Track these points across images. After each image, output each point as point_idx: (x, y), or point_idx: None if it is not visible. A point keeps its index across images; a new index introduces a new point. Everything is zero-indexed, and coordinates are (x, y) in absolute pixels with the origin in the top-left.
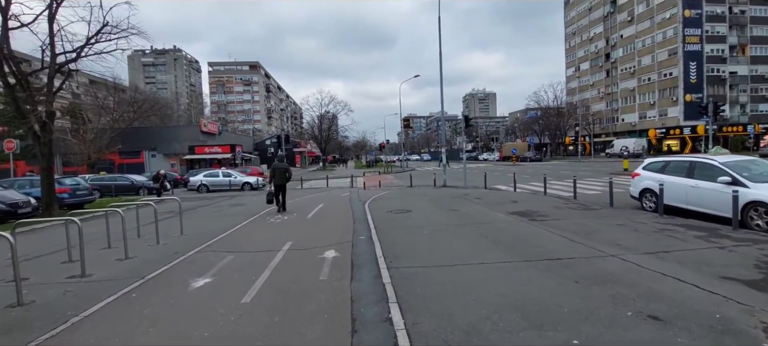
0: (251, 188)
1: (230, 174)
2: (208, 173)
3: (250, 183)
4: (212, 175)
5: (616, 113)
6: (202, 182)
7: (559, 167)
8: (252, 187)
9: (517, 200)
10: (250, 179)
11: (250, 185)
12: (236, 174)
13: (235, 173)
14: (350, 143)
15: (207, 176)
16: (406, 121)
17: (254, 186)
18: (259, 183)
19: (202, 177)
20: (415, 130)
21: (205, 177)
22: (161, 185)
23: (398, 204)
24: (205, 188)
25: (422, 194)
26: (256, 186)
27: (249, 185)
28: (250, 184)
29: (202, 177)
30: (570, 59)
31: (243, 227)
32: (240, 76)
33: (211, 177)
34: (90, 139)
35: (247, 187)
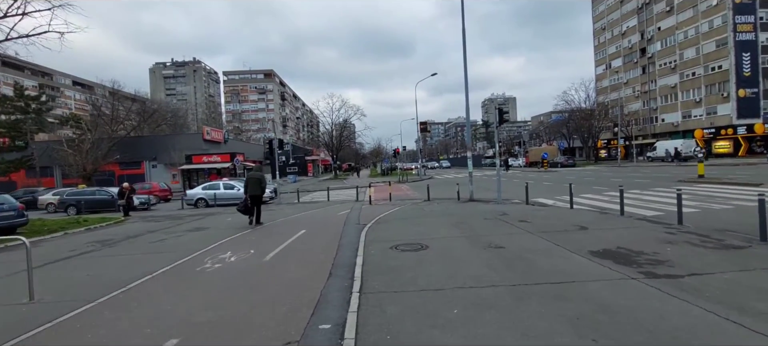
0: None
1: (233, 186)
2: (208, 185)
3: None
4: (212, 187)
5: (655, 113)
6: (200, 196)
7: (600, 173)
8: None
9: (584, 224)
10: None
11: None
12: (239, 186)
13: (238, 184)
14: (367, 151)
15: (206, 188)
16: (424, 125)
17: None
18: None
19: (201, 190)
20: (433, 136)
21: (204, 190)
22: (128, 201)
23: (409, 232)
24: (203, 203)
25: (444, 212)
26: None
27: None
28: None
29: (201, 190)
30: (600, 56)
31: (142, 285)
32: (254, 85)
33: (211, 190)
34: (86, 149)
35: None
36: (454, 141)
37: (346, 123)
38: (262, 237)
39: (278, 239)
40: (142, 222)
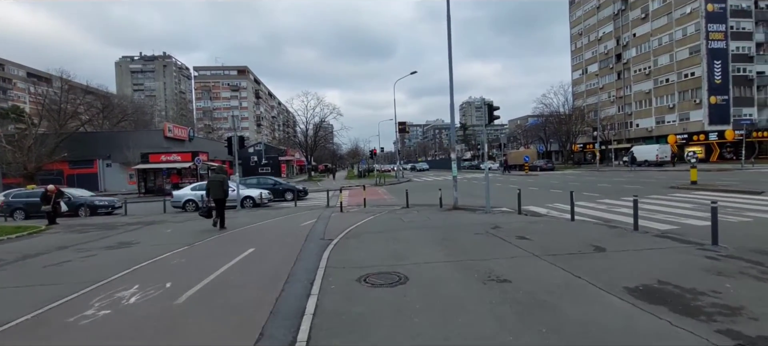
0: (254, 203)
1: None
2: (197, 185)
3: (251, 197)
4: (201, 187)
5: (630, 118)
6: (189, 198)
7: (583, 178)
8: (254, 202)
9: (598, 242)
10: (253, 193)
11: (251, 199)
12: (234, 186)
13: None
14: (344, 152)
15: (195, 189)
16: (402, 125)
17: (258, 202)
18: (265, 198)
19: (189, 191)
20: (411, 139)
21: (193, 191)
22: (54, 207)
23: (384, 253)
24: (193, 205)
25: (426, 223)
26: (259, 201)
27: (251, 199)
28: (253, 199)
29: (189, 191)
30: (576, 61)
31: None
32: (227, 82)
33: (201, 190)
34: (28, 145)
35: (248, 202)
36: (433, 143)
37: (322, 123)
38: (193, 260)
39: (213, 262)
40: (65, 233)
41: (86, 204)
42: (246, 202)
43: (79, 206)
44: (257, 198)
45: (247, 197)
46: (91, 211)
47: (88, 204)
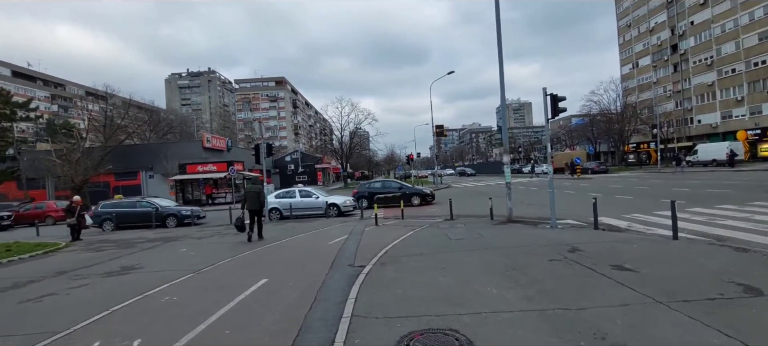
0: (339, 212)
1: (310, 193)
2: (282, 192)
3: (336, 205)
4: (287, 195)
5: (690, 114)
6: (273, 206)
7: (649, 181)
8: (340, 211)
9: (738, 276)
10: (337, 200)
11: (336, 207)
12: (318, 192)
13: (317, 191)
14: (380, 158)
15: (280, 196)
16: (440, 128)
17: (343, 210)
18: (349, 205)
19: (273, 199)
20: (446, 144)
21: (278, 199)
22: (79, 220)
23: (431, 293)
24: (277, 214)
25: (479, 243)
26: (344, 210)
27: (335, 207)
28: (337, 206)
29: (273, 199)
30: (625, 55)
31: None
32: (266, 93)
33: (286, 199)
34: (76, 159)
35: (332, 210)
36: (469, 148)
37: (358, 129)
38: (187, 297)
39: (210, 301)
40: (81, 252)
41: (173, 214)
42: (331, 209)
43: (167, 216)
44: (342, 205)
45: (331, 204)
46: (178, 221)
47: (175, 214)
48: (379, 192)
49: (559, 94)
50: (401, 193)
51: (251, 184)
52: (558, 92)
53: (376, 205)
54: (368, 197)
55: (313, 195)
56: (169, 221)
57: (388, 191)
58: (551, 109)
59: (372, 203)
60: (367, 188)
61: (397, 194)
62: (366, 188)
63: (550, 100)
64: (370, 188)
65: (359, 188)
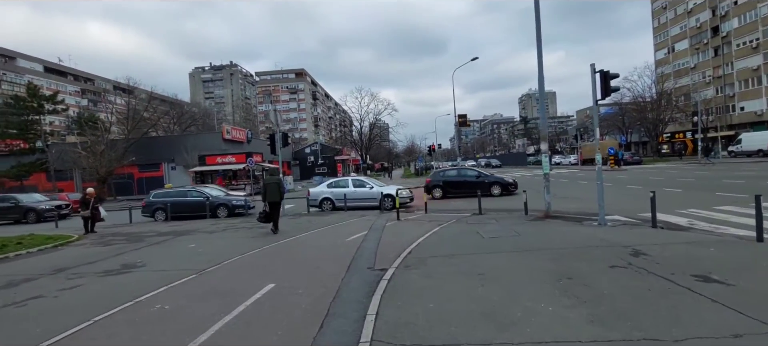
0: (394, 204)
1: (364, 183)
2: (334, 182)
3: (391, 196)
4: (339, 185)
5: (733, 100)
6: (325, 196)
7: (694, 173)
8: (395, 203)
9: None
10: (392, 190)
11: (392, 198)
12: (372, 182)
13: (370, 180)
14: (400, 150)
15: (332, 186)
16: (462, 118)
17: (403, 199)
18: (406, 196)
19: (325, 188)
20: (467, 135)
21: (330, 189)
22: (93, 212)
23: (468, 308)
24: (329, 204)
25: (518, 243)
26: (401, 202)
27: (391, 198)
28: (393, 198)
29: (325, 188)
30: (660, 39)
31: None
32: (286, 85)
33: (339, 188)
34: (100, 151)
35: (387, 202)
36: (491, 139)
37: (377, 120)
38: (182, 306)
39: (205, 312)
40: (90, 246)
41: (224, 204)
42: (386, 200)
43: (218, 206)
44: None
45: (386, 195)
46: (229, 211)
47: (226, 204)
48: (454, 180)
49: (611, 71)
50: (479, 182)
51: (269, 175)
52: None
53: (397, 200)
54: (442, 187)
55: (367, 185)
56: (220, 211)
57: (465, 179)
58: (601, 88)
59: (446, 193)
60: (440, 177)
61: (474, 182)
62: (440, 176)
63: (600, 78)
64: (444, 177)
65: (432, 176)
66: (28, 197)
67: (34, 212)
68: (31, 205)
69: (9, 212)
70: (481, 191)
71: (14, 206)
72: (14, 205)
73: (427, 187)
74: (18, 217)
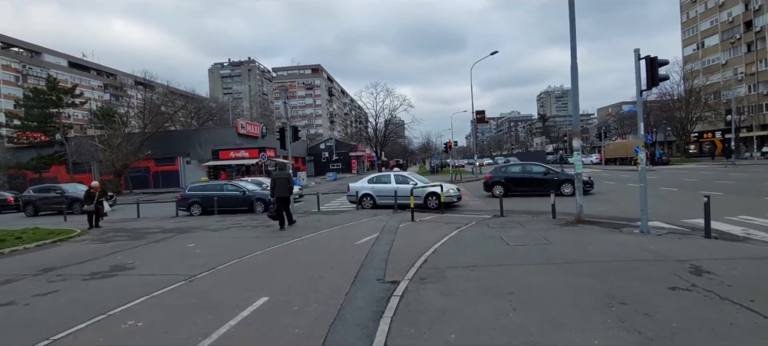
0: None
1: (407, 179)
2: (375, 177)
3: (436, 194)
4: (380, 180)
5: (767, 99)
6: (365, 192)
7: (731, 175)
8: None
9: None
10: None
11: (436, 197)
12: (415, 178)
13: (414, 176)
14: (415, 147)
15: (373, 181)
16: (481, 114)
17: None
18: (452, 195)
19: (366, 184)
20: (483, 133)
21: (371, 184)
22: (97, 207)
23: (501, 341)
24: (370, 201)
25: (550, 252)
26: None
27: (435, 197)
28: (438, 196)
29: (366, 184)
30: (689, 35)
31: None
32: (302, 81)
33: (380, 184)
34: (117, 144)
35: (432, 200)
36: (508, 137)
37: (393, 116)
38: (159, 322)
39: (184, 332)
40: (90, 242)
41: (261, 198)
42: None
43: (255, 200)
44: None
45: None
46: (265, 206)
47: (263, 199)
48: (518, 177)
49: (659, 57)
50: (547, 179)
51: (278, 170)
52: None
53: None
54: (504, 184)
55: (411, 181)
56: (257, 205)
57: (531, 175)
58: (648, 76)
59: (508, 191)
60: (502, 173)
61: (542, 180)
62: (501, 172)
63: (646, 65)
64: (506, 173)
65: (493, 172)
66: (73, 187)
67: (80, 202)
68: (77, 195)
69: (54, 202)
70: (552, 189)
71: (60, 196)
72: (60, 195)
73: (486, 184)
74: (63, 207)
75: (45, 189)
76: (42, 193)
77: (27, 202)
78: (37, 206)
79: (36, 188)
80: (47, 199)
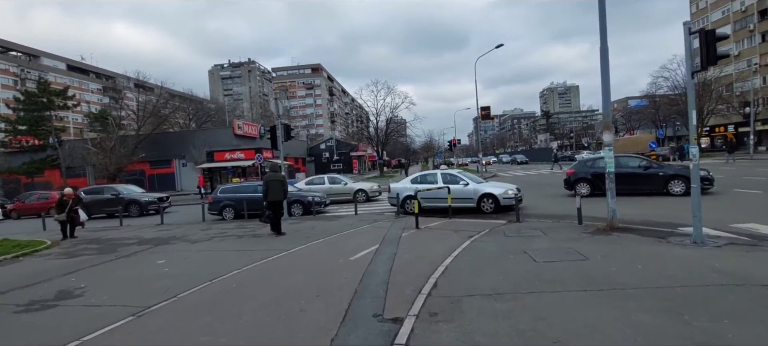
0: (497, 205)
1: (457, 178)
2: (419, 176)
3: (493, 196)
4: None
5: None
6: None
7: (754, 169)
8: (498, 204)
9: None
10: (494, 189)
11: (493, 199)
12: (467, 178)
13: (464, 175)
14: (417, 146)
15: (417, 181)
16: (485, 110)
17: (502, 203)
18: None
19: (409, 184)
20: (486, 130)
21: (415, 184)
22: (71, 215)
23: None
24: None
25: (596, 274)
26: (505, 203)
27: (492, 199)
28: (495, 198)
29: (409, 184)
30: (698, 26)
31: None
32: (302, 80)
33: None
34: (110, 147)
35: (488, 203)
36: (511, 134)
37: (394, 114)
38: None
39: None
40: (56, 258)
41: (298, 200)
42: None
43: (292, 203)
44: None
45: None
46: (304, 209)
47: (300, 200)
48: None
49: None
50: (648, 174)
51: (271, 172)
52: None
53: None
54: (590, 181)
55: (461, 181)
56: (295, 208)
57: (628, 170)
58: (703, 54)
59: (596, 189)
60: (588, 169)
61: (642, 175)
62: (587, 167)
63: (701, 39)
64: (594, 168)
65: (577, 166)
66: (128, 189)
67: (137, 204)
68: (133, 197)
69: (108, 204)
70: (654, 188)
71: (114, 199)
72: (114, 197)
73: (568, 181)
74: (115, 210)
75: (97, 190)
76: (94, 195)
77: None
78: (88, 208)
79: (87, 189)
80: (100, 201)
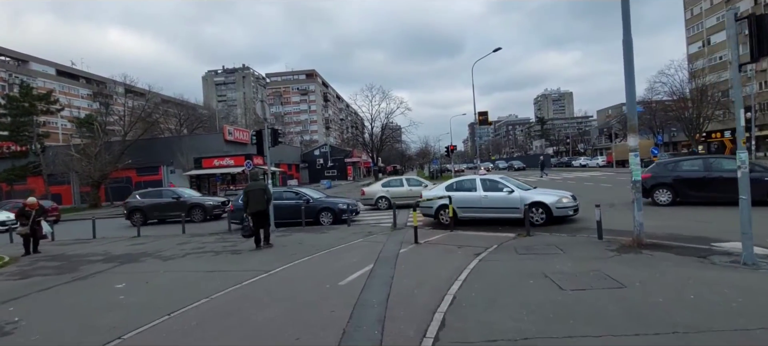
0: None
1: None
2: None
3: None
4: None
5: None
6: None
7: None
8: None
9: None
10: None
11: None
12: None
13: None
14: (413, 152)
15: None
16: (483, 115)
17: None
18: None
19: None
20: (481, 137)
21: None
22: (33, 228)
23: None
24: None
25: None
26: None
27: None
28: (547, 207)
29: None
30: (693, 32)
31: None
32: (296, 86)
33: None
34: (94, 153)
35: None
36: (506, 140)
37: (389, 120)
38: None
39: None
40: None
41: (328, 208)
42: (534, 212)
43: (321, 210)
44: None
45: (535, 203)
46: (334, 217)
47: (331, 207)
48: (697, 177)
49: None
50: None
51: (252, 180)
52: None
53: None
54: (672, 186)
55: (504, 187)
56: (324, 216)
57: (715, 173)
58: (754, 43)
59: (679, 196)
60: (670, 172)
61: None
62: (669, 171)
63: (750, 27)
64: (677, 171)
65: (654, 169)
66: (190, 192)
67: (201, 208)
68: (196, 201)
69: (167, 208)
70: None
71: (176, 202)
72: (176, 200)
73: (644, 188)
74: (175, 215)
75: (156, 193)
76: (151, 198)
77: (134, 209)
78: (146, 213)
79: (143, 193)
80: (158, 205)
